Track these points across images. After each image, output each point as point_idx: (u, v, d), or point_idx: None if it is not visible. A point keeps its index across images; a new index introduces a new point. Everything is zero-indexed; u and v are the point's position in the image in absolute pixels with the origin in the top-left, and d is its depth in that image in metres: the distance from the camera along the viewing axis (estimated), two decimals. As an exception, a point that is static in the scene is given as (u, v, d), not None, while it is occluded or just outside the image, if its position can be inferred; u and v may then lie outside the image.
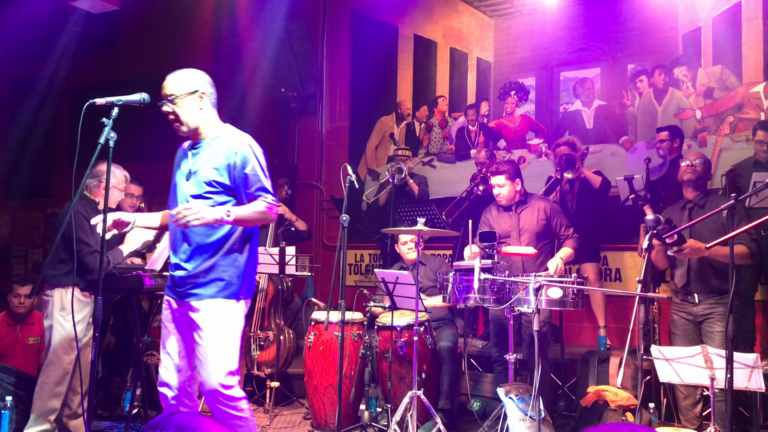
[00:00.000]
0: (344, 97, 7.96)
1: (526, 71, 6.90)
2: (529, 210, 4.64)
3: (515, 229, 4.61)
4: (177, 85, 2.97)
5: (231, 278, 2.93)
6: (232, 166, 2.95)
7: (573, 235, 4.62)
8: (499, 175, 4.57)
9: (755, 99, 5.76)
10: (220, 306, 2.90)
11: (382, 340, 4.71)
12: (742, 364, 3.45)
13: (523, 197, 4.68)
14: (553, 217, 4.62)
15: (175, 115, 2.98)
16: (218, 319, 2.89)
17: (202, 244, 2.94)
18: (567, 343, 5.77)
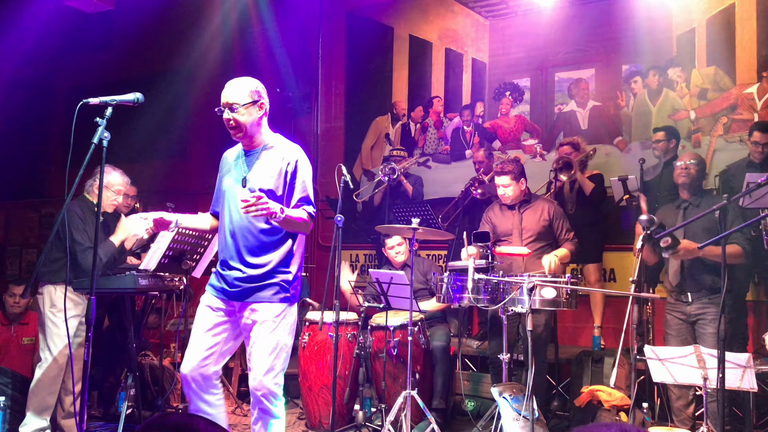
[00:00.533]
0: (339, 97, 7.96)
1: (521, 72, 6.91)
2: (532, 210, 4.63)
3: (517, 228, 4.60)
4: (240, 94, 3.07)
5: (286, 283, 3.10)
6: (284, 175, 3.10)
7: (573, 239, 4.62)
8: (505, 176, 4.55)
9: (749, 100, 5.79)
10: (277, 309, 3.06)
11: (375, 341, 4.72)
12: (735, 364, 3.46)
13: (527, 197, 4.67)
14: (556, 219, 4.61)
15: (236, 123, 3.08)
16: (275, 322, 3.05)
17: (258, 248, 3.08)
18: (562, 344, 5.77)
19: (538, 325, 4.46)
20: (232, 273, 3.09)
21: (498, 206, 4.76)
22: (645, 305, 4.91)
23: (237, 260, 3.10)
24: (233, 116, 3.06)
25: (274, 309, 3.05)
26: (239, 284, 3.07)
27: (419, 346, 4.69)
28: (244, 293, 3.07)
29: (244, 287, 3.06)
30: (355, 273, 4.26)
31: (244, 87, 3.09)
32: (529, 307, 3.84)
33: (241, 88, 3.08)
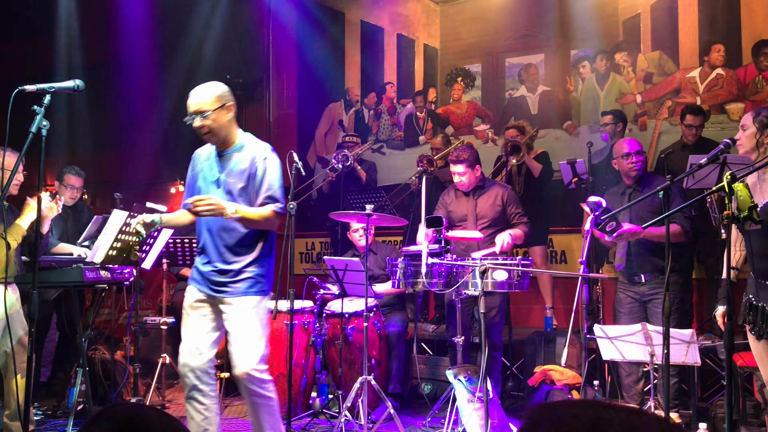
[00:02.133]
0: (292, 84, 7.88)
1: (472, 57, 6.95)
2: (486, 195, 4.68)
3: (472, 213, 4.65)
4: (208, 100, 3.15)
5: (260, 276, 3.23)
6: (253, 174, 3.21)
7: (527, 222, 4.68)
8: (460, 164, 4.58)
9: (691, 84, 5.95)
10: (251, 301, 3.20)
11: (330, 328, 4.71)
12: (679, 340, 3.57)
13: (481, 182, 4.72)
14: (509, 203, 4.67)
15: (209, 129, 3.17)
16: (249, 312, 3.18)
17: (234, 245, 3.21)
18: (516, 325, 5.88)
19: (493, 308, 4.52)
20: (209, 268, 3.24)
21: (453, 191, 4.80)
22: (595, 285, 5.02)
23: (214, 256, 3.24)
24: (204, 123, 3.14)
25: (251, 301, 3.19)
26: (217, 278, 3.21)
27: (375, 331, 4.70)
28: (222, 287, 3.21)
29: (222, 281, 3.21)
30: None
31: (210, 92, 3.17)
32: (481, 290, 3.89)
33: (207, 94, 3.16)
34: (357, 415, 4.28)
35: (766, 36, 5.69)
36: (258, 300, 3.21)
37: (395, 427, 4.09)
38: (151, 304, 6.91)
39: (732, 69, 5.80)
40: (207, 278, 3.24)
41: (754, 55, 5.72)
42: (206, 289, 3.25)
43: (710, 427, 3.67)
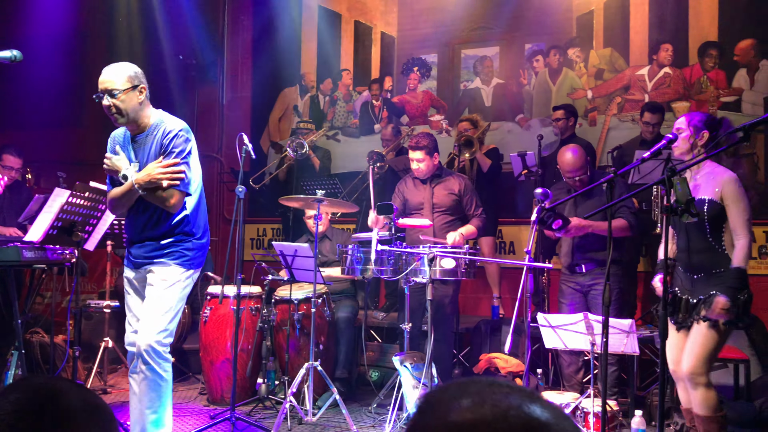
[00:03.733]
0: (246, 67, 7.76)
1: (429, 48, 6.97)
2: (443, 185, 4.69)
3: (428, 201, 4.65)
4: (117, 80, 3.09)
5: (186, 250, 3.24)
6: (165, 151, 3.17)
7: (481, 215, 4.71)
8: (419, 150, 4.57)
9: (640, 81, 6.09)
10: (173, 272, 3.20)
11: (279, 314, 4.68)
12: (619, 329, 3.67)
13: (439, 171, 4.72)
14: (465, 194, 4.69)
15: (117, 109, 3.11)
16: (169, 283, 3.18)
17: (155, 221, 3.21)
18: (464, 314, 5.95)
19: (446, 296, 4.56)
20: (134, 244, 3.29)
21: (411, 179, 4.80)
22: (541, 275, 5.12)
23: (138, 233, 3.27)
24: (113, 102, 3.09)
25: (170, 271, 3.19)
26: (141, 253, 3.25)
27: (323, 318, 4.69)
28: (146, 260, 3.24)
29: (146, 255, 3.24)
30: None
31: (122, 72, 3.11)
32: (429, 278, 3.92)
33: (119, 74, 3.11)
34: (303, 401, 4.28)
35: (712, 38, 5.86)
36: (180, 272, 3.20)
37: (341, 413, 4.10)
38: (97, 287, 6.74)
39: (679, 68, 5.96)
40: (134, 254, 3.29)
41: (700, 56, 5.89)
42: (134, 266, 3.29)
43: (646, 415, 3.79)
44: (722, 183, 3.17)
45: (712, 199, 3.17)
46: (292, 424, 4.12)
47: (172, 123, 3.21)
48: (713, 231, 3.19)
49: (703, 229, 3.20)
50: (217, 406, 4.62)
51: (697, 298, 3.19)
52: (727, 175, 3.20)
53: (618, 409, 4.08)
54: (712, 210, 3.17)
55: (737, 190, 3.16)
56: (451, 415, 0.80)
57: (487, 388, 0.83)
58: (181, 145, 3.15)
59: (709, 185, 3.20)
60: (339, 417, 4.22)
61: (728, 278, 3.15)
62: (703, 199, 3.19)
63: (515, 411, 0.79)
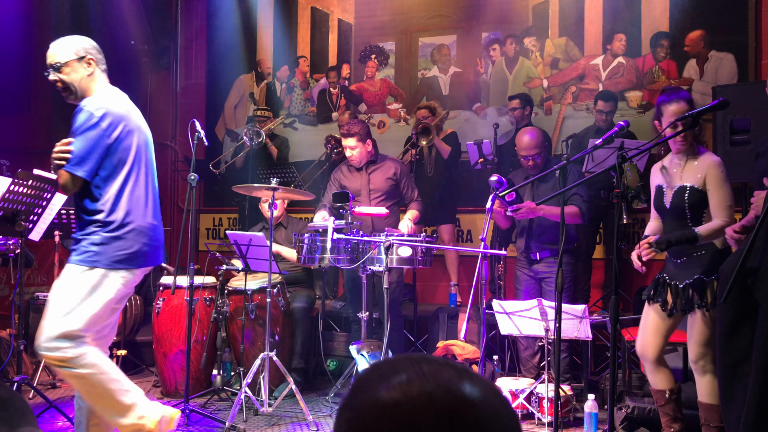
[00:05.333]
0: (201, 53, 7.59)
1: (386, 35, 6.92)
2: (380, 170, 4.70)
3: (365, 188, 4.66)
4: (63, 52, 2.95)
5: (88, 245, 2.92)
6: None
7: (417, 198, 4.75)
8: (351, 137, 4.57)
9: (595, 71, 6.17)
10: (69, 270, 2.93)
11: (233, 304, 4.62)
12: (572, 315, 3.72)
13: (374, 157, 4.72)
14: (402, 178, 4.72)
15: (63, 83, 2.96)
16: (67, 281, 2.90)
17: (79, 211, 3.00)
18: (422, 302, 5.97)
19: (392, 282, 4.55)
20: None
21: (346, 167, 4.80)
22: (497, 263, 5.16)
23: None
24: (58, 76, 2.95)
25: (70, 270, 2.92)
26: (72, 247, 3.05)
27: (278, 308, 4.64)
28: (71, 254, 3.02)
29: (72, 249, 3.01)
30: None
31: (67, 44, 2.97)
32: (386, 266, 3.92)
33: (64, 46, 2.97)
34: (258, 392, 4.23)
35: (664, 28, 5.96)
36: (82, 270, 2.88)
37: (297, 403, 4.06)
38: (47, 279, 6.55)
39: (632, 58, 6.05)
40: None
41: (652, 46, 5.99)
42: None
43: (598, 399, 3.85)
44: (706, 168, 3.16)
45: (693, 185, 3.17)
46: (248, 416, 4.07)
47: (86, 100, 2.95)
48: (693, 218, 3.20)
49: (683, 216, 3.22)
50: (171, 399, 4.53)
51: (683, 282, 3.19)
52: (711, 160, 3.18)
53: (572, 394, 4.15)
54: (693, 197, 3.17)
55: (720, 174, 3.14)
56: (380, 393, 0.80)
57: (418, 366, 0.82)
58: (78, 121, 2.88)
59: (692, 171, 3.20)
60: (296, 407, 4.18)
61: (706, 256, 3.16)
62: (684, 187, 3.20)
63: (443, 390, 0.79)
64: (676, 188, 3.22)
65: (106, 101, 2.95)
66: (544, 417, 3.95)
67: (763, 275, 2.24)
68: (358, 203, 4.61)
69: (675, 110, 3.18)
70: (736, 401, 2.30)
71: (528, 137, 4.36)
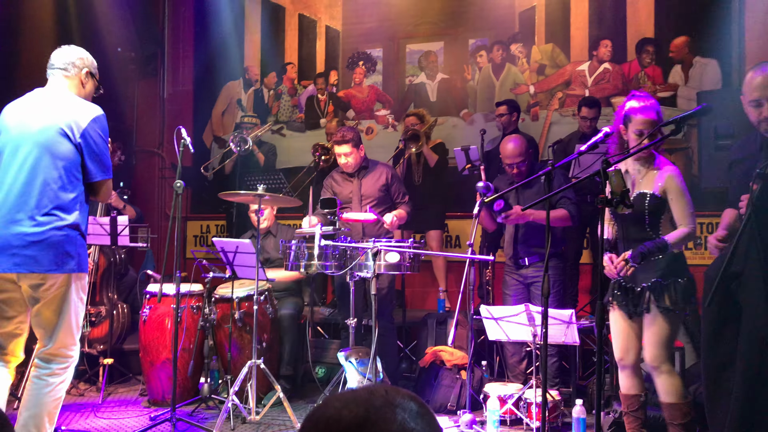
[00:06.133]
0: (188, 60, 7.58)
1: (374, 42, 6.94)
2: (371, 176, 4.71)
3: (357, 194, 4.66)
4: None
5: None
6: None
7: (408, 201, 4.77)
8: (345, 144, 4.56)
9: (581, 77, 6.21)
10: None
11: (220, 312, 4.59)
12: (559, 320, 3.73)
13: (365, 163, 4.73)
14: (393, 182, 4.73)
15: None
16: None
17: None
18: (411, 308, 5.96)
19: (381, 288, 4.55)
20: None
21: (338, 174, 4.80)
22: (485, 269, 5.17)
23: None
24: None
25: None
26: None
27: (266, 315, 4.62)
28: None
29: None
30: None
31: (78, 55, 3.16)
32: (374, 272, 3.91)
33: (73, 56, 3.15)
34: (246, 400, 4.20)
35: (649, 34, 6.02)
36: None
37: (285, 411, 4.04)
38: None
39: (618, 64, 6.10)
40: None
41: (637, 52, 6.04)
42: None
43: (587, 404, 3.86)
44: (665, 177, 3.22)
45: (653, 193, 3.21)
46: (236, 424, 4.05)
47: None
48: (652, 223, 3.25)
49: (642, 221, 3.25)
50: (158, 407, 4.50)
51: (640, 286, 3.24)
52: (670, 170, 3.24)
53: (560, 399, 4.15)
54: (653, 204, 3.21)
55: (681, 184, 3.20)
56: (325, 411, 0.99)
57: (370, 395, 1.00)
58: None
59: (652, 180, 3.25)
60: (284, 415, 4.16)
61: (663, 260, 3.21)
62: (645, 193, 3.24)
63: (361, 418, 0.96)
64: (636, 194, 3.25)
65: None
66: (533, 422, 3.96)
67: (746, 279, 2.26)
68: (349, 209, 4.61)
69: (642, 119, 3.23)
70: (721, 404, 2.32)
71: (512, 145, 4.37)
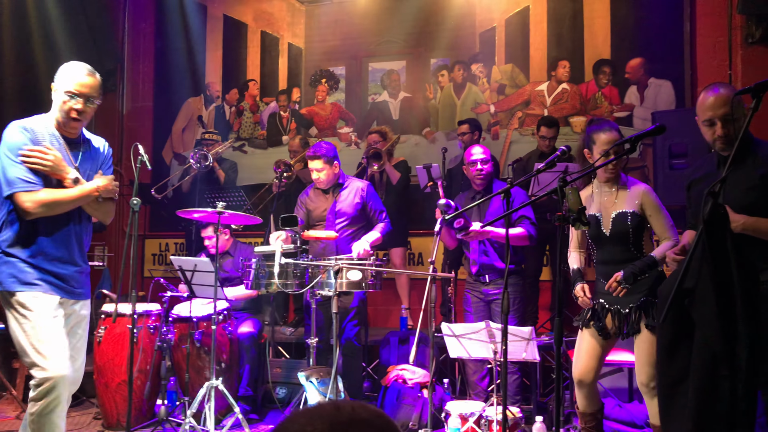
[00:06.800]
0: (148, 75, 7.49)
1: (337, 60, 6.96)
2: (346, 192, 4.63)
3: (331, 211, 4.59)
4: (98, 87, 3.02)
5: None
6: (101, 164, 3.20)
7: (385, 218, 4.70)
8: (318, 159, 4.50)
9: (540, 96, 6.32)
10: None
11: (178, 332, 4.50)
12: (519, 337, 3.74)
13: (341, 180, 4.67)
14: (369, 199, 4.66)
15: (85, 116, 2.99)
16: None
17: (85, 240, 3.12)
18: (374, 326, 5.94)
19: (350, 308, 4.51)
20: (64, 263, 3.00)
21: (313, 190, 4.73)
22: (447, 286, 5.17)
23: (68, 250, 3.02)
24: (88, 108, 2.98)
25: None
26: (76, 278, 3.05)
27: (225, 335, 4.54)
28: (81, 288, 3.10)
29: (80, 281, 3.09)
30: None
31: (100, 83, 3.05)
32: (335, 290, 3.87)
33: (98, 81, 3.03)
34: (204, 422, 4.11)
35: (606, 56, 6.17)
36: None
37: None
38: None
39: (576, 84, 6.23)
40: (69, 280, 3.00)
41: (594, 73, 6.18)
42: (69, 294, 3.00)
43: (547, 420, 3.88)
44: (640, 195, 3.27)
45: (634, 211, 3.27)
46: (193, 447, 3.95)
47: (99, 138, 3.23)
48: (635, 242, 3.29)
49: (626, 240, 3.29)
50: (112, 431, 4.37)
51: (627, 307, 3.25)
52: (643, 187, 3.30)
53: (521, 416, 4.16)
54: (635, 222, 3.26)
55: (656, 199, 3.27)
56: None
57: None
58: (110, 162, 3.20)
59: (627, 199, 3.30)
60: (242, 436, 4.08)
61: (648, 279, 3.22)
62: (625, 212, 3.28)
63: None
64: (616, 214, 3.30)
65: None
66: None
67: (699, 295, 2.30)
68: (323, 227, 4.56)
69: (607, 138, 3.28)
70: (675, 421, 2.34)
71: (480, 148, 4.48)
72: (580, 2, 6.24)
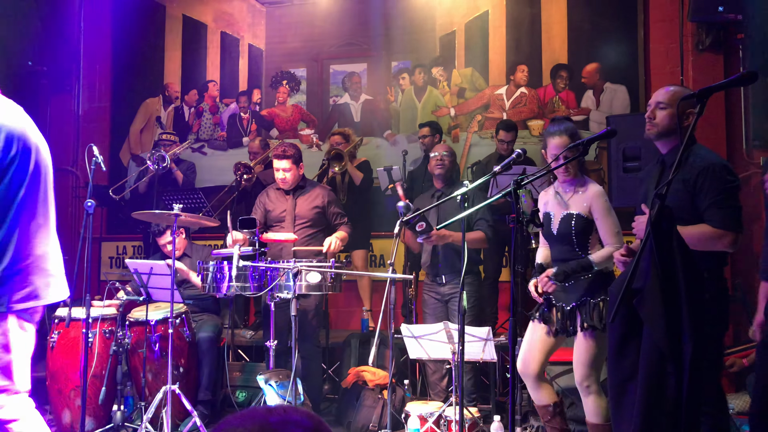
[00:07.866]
0: (105, 75, 7.35)
1: (298, 61, 6.95)
2: (306, 196, 4.64)
3: (291, 213, 4.58)
4: None
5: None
6: None
7: (347, 223, 4.71)
8: (286, 159, 4.49)
9: (499, 100, 6.41)
10: None
11: (134, 336, 4.43)
12: (476, 337, 3.79)
13: (302, 182, 4.67)
14: (329, 205, 4.67)
15: None
16: None
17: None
18: (335, 328, 5.93)
19: (309, 310, 4.50)
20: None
21: (273, 191, 4.72)
22: (408, 287, 5.20)
23: None
24: None
25: None
26: None
27: (183, 339, 4.49)
28: None
29: None
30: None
31: None
32: (294, 293, 3.86)
33: None
34: (161, 427, 4.05)
35: (563, 60, 6.28)
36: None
37: (202, 437, 3.92)
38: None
39: (534, 89, 6.33)
40: None
41: (552, 77, 6.29)
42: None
43: (505, 419, 3.92)
44: (590, 198, 3.32)
45: (579, 213, 3.31)
46: (149, 453, 3.90)
47: None
48: (580, 243, 3.34)
49: (571, 242, 3.35)
50: (66, 438, 4.29)
51: (570, 305, 3.31)
52: (595, 190, 3.34)
53: (479, 416, 4.20)
54: (579, 224, 3.31)
55: (605, 203, 3.30)
56: None
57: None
58: None
59: (578, 200, 3.35)
60: (200, 441, 4.03)
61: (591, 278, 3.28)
62: (572, 214, 3.33)
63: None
64: (563, 215, 3.37)
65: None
66: (453, 440, 3.98)
67: (647, 295, 2.36)
68: (281, 228, 4.54)
69: (557, 143, 3.35)
70: (625, 417, 2.40)
71: (446, 146, 4.59)
72: (537, 8, 6.34)
